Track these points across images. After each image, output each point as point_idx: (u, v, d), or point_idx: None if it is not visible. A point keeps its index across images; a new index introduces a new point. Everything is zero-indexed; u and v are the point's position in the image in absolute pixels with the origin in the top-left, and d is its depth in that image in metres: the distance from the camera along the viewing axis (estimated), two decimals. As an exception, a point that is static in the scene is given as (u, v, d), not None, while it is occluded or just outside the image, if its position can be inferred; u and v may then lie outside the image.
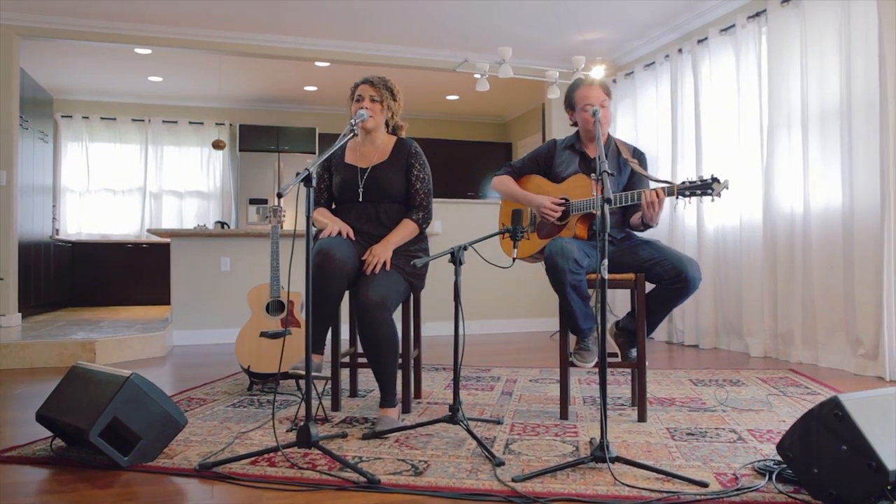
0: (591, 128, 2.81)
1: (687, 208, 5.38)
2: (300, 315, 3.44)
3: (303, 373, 2.39)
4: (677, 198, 2.56)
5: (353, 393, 3.23)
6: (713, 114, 5.03)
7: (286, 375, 3.00)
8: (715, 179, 2.49)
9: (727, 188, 2.50)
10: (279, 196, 1.90)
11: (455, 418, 2.37)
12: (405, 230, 2.76)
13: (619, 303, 5.86)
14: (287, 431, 2.53)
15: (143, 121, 8.42)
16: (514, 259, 2.61)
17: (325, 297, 2.52)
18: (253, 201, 8.19)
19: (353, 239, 2.70)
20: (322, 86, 7.96)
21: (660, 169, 5.74)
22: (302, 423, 2.09)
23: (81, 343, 4.26)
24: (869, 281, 3.74)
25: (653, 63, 5.74)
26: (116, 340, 4.42)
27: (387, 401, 2.58)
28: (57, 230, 7.87)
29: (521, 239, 2.55)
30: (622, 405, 2.99)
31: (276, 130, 8.46)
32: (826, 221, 4.08)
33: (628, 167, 2.87)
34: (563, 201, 2.84)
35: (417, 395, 3.18)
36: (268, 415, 2.81)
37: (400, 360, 2.74)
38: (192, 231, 5.53)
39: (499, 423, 2.65)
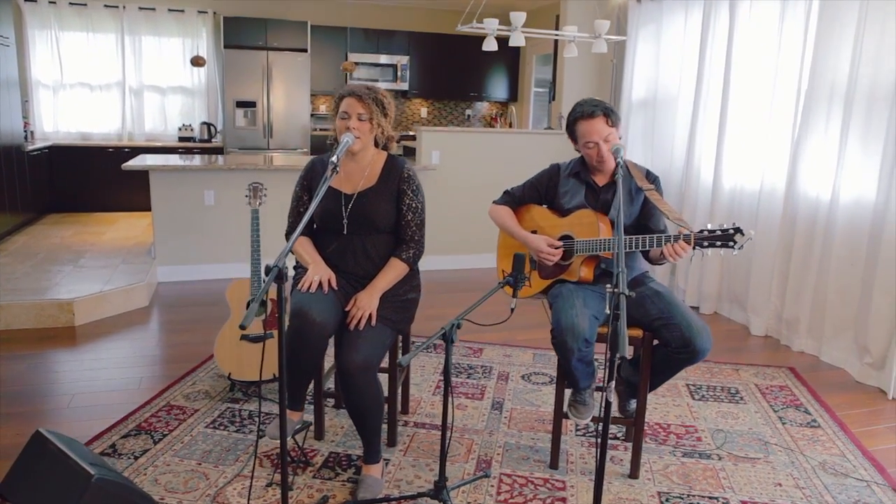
0: (594, 163, 2.55)
1: (704, 163, 5.01)
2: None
3: (278, 440, 2.24)
4: (694, 248, 2.30)
5: (340, 404, 3.12)
6: (746, 64, 4.50)
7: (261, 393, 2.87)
8: (737, 230, 2.21)
9: (752, 239, 2.24)
10: (242, 328, 1.63)
11: (440, 497, 2.27)
12: (393, 272, 2.48)
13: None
14: (266, 487, 2.44)
15: (116, 7, 7.63)
16: (512, 309, 2.38)
17: (303, 364, 2.31)
18: (240, 104, 7.63)
19: (336, 288, 2.43)
20: (313, -25, 7.13)
21: (678, 113, 5.26)
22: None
23: (59, 304, 4.08)
24: (889, 289, 3.51)
25: (685, -10, 5.06)
26: (96, 298, 4.24)
27: (370, 456, 2.45)
28: (32, 132, 7.40)
29: (522, 287, 2.35)
30: (615, 439, 2.89)
31: (265, 24, 7.70)
32: (854, 215, 3.76)
33: (641, 193, 2.56)
34: (562, 243, 2.57)
35: (405, 409, 3.08)
36: (249, 445, 2.72)
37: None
38: (173, 165, 5.16)
39: (486, 476, 2.56)
